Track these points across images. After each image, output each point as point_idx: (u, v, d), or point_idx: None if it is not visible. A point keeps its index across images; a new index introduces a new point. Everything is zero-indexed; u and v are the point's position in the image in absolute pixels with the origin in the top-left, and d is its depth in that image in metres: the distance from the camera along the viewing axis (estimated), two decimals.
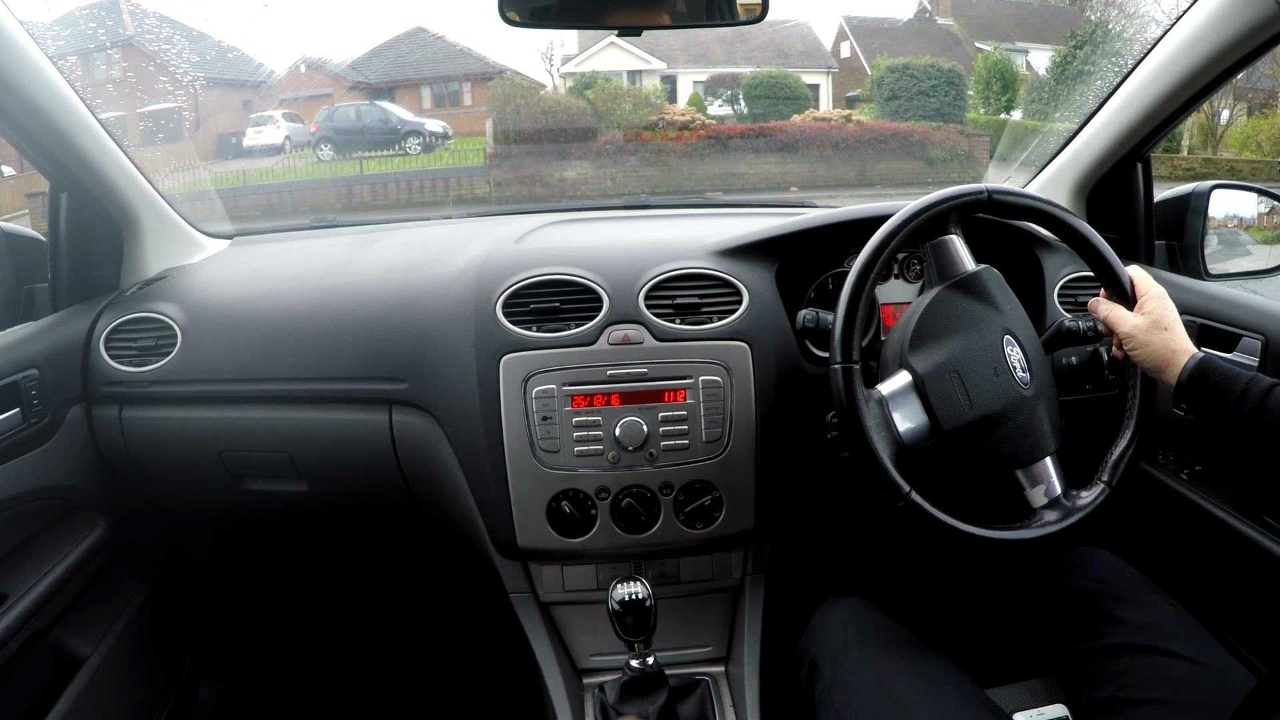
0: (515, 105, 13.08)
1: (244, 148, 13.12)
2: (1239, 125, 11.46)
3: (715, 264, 1.48)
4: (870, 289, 1.15)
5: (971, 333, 1.16)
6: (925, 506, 1.11)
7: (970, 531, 1.12)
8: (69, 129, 1.45)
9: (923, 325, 1.18)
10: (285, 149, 13.33)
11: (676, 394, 1.38)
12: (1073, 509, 1.16)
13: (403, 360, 1.45)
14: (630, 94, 14.39)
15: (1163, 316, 1.16)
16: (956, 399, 1.13)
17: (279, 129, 13.50)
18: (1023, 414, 1.15)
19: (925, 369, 1.15)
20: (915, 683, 1.10)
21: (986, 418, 1.14)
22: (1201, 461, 1.50)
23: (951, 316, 1.17)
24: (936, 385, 1.14)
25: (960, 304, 1.18)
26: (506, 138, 12.73)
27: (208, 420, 1.51)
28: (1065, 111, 1.89)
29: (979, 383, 1.14)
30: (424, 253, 1.65)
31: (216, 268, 1.76)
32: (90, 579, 1.55)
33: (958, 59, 14.93)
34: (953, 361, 1.15)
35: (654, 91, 15.22)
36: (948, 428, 1.13)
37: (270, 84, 14.96)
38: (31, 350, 1.42)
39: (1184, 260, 1.65)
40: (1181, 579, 1.41)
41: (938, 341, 1.16)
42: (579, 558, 1.44)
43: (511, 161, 12.39)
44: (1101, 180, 1.68)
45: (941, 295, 1.19)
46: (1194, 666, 1.08)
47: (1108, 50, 2.02)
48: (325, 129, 13.50)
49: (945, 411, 1.13)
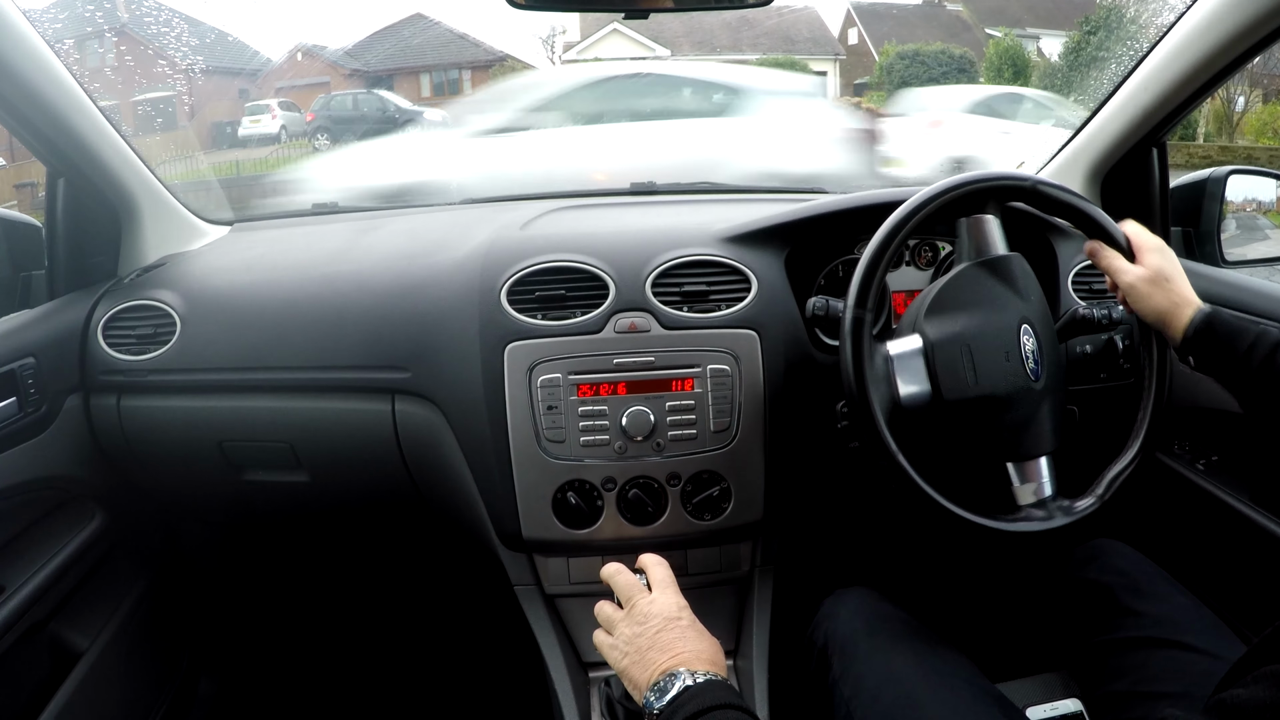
0: None
1: (239, 137, 13.07)
2: (1255, 112, 11.38)
3: (724, 251, 1.46)
4: (897, 248, 1.16)
5: (990, 313, 1.15)
6: (909, 471, 1.10)
7: (950, 509, 1.10)
8: (66, 113, 1.43)
9: (943, 295, 1.17)
10: (281, 138, 13.27)
11: (684, 383, 1.36)
12: (1057, 513, 1.14)
13: (406, 349, 1.43)
14: None
15: (1163, 268, 1.15)
16: (962, 372, 1.12)
17: (275, 118, 13.49)
18: (1027, 405, 1.14)
19: (937, 336, 1.14)
20: (926, 675, 1.08)
21: (990, 398, 1.12)
22: (1218, 451, 1.48)
23: (974, 293, 1.17)
24: (945, 354, 1.13)
25: (985, 283, 1.17)
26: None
27: (207, 410, 1.50)
28: (1080, 97, 1.87)
29: (988, 362, 1.13)
30: (427, 239, 1.63)
31: (216, 254, 1.74)
32: (88, 571, 1.53)
33: (968, 45, 14.86)
34: (965, 335, 1.14)
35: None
36: (949, 398, 1.13)
37: (267, 72, 14.89)
38: (28, 338, 1.41)
39: (1200, 247, 1.62)
40: (1198, 571, 1.39)
41: (954, 313, 1.15)
42: (585, 549, 1.42)
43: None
44: (1116, 165, 1.65)
45: (968, 271, 1.18)
46: (1212, 660, 1.06)
47: (1122, 35, 2.00)
48: (321, 118, 13.46)
49: (949, 382, 1.13)
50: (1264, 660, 0.64)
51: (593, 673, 1.46)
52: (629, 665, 0.97)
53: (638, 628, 0.99)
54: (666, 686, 0.91)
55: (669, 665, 0.93)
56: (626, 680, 0.98)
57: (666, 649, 0.96)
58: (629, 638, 0.99)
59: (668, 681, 0.91)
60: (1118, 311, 1.29)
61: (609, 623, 1.04)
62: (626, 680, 0.98)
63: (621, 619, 1.03)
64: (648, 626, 0.99)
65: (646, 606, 1.02)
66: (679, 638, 0.97)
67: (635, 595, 1.04)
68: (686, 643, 0.97)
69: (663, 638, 0.97)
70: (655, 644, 0.97)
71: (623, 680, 0.99)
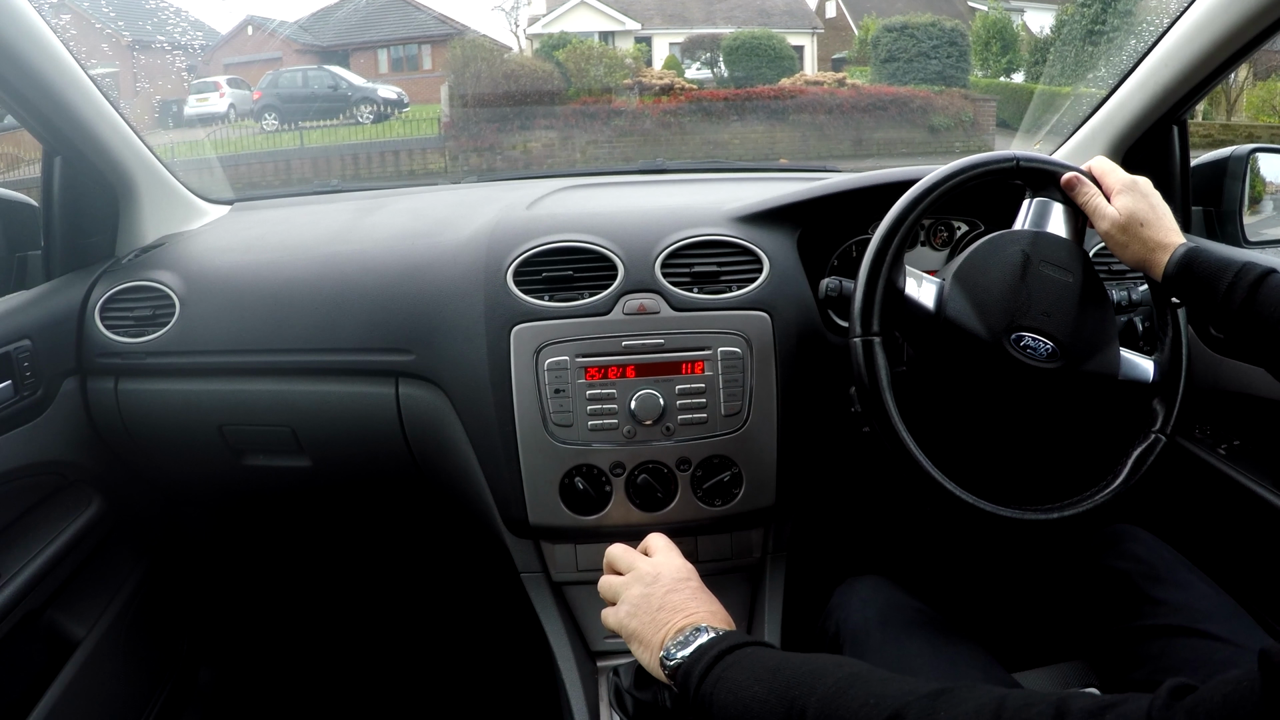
0: (476, 69, 12.56)
1: (185, 116, 12.66)
2: (1255, 89, 11.28)
3: (734, 231, 1.44)
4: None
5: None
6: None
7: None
8: (62, 89, 1.41)
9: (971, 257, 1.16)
10: (230, 118, 12.90)
11: (694, 366, 1.34)
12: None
13: (409, 331, 1.41)
14: (604, 56, 14.02)
15: (1135, 211, 1.11)
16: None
17: (223, 96, 13.08)
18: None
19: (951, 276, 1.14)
20: (940, 666, 1.06)
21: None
22: (1240, 436, 1.46)
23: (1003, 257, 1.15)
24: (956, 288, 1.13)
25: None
26: (465, 104, 12.25)
27: (207, 393, 1.48)
28: (1080, 73, 1.85)
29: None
30: (431, 219, 1.61)
31: (216, 234, 1.72)
32: (85, 558, 1.52)
33: (951, 17, 14.60)
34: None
35: (629, 53, 14.86)
36: (948, 314, 1.12)
37: (215, 46, 14.49)
38: (24, 320, 1.39)
39: (1222, 227, 1.60)
40: (1220, 558, 1.37)
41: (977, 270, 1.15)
42: (593, 536, 1.40)
43: (470, 131, 11.90)
44: (1136, 144, 1.62)
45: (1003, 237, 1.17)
46: (1233, 649, 1.04)
47: (1120, 9, 1.96)
48: (269, 96, 13.12)
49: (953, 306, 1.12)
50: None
51: (601, 662, 1.44)
52: (639, 627, 0.94)
53: (646, 588, 0.97)
54: (690, 638, 0.88)
55: (685, 623, 0.91)
56: (636, 642, 0.94)
57: (680, 609, 0.93)
58: (636, 598, 0.96)
59: (692, 634, 0.88)
60: (1137, 293, 1.27)
61: (612, 592, 1.01)
62: (636, 642, 0.94)
63: (625, 582, 1.00)
64: (657, 586, 0.96)
65: (651, 567, 0.99)
66: (690, 598, 0.95)
67: (636, 559, 1.02)
68: (700, 603, 0.94)
69: (674, 598, 0.94)
70: (666, 604, 0.94)
71: (631, 643, 0.96)
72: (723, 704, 0.79)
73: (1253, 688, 0.54)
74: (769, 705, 0.75)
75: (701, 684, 0.82)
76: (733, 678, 0.80)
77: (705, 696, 0.81)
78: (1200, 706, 0.56)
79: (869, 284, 1.11)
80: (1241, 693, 0.54)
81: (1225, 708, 0.54)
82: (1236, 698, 0.54)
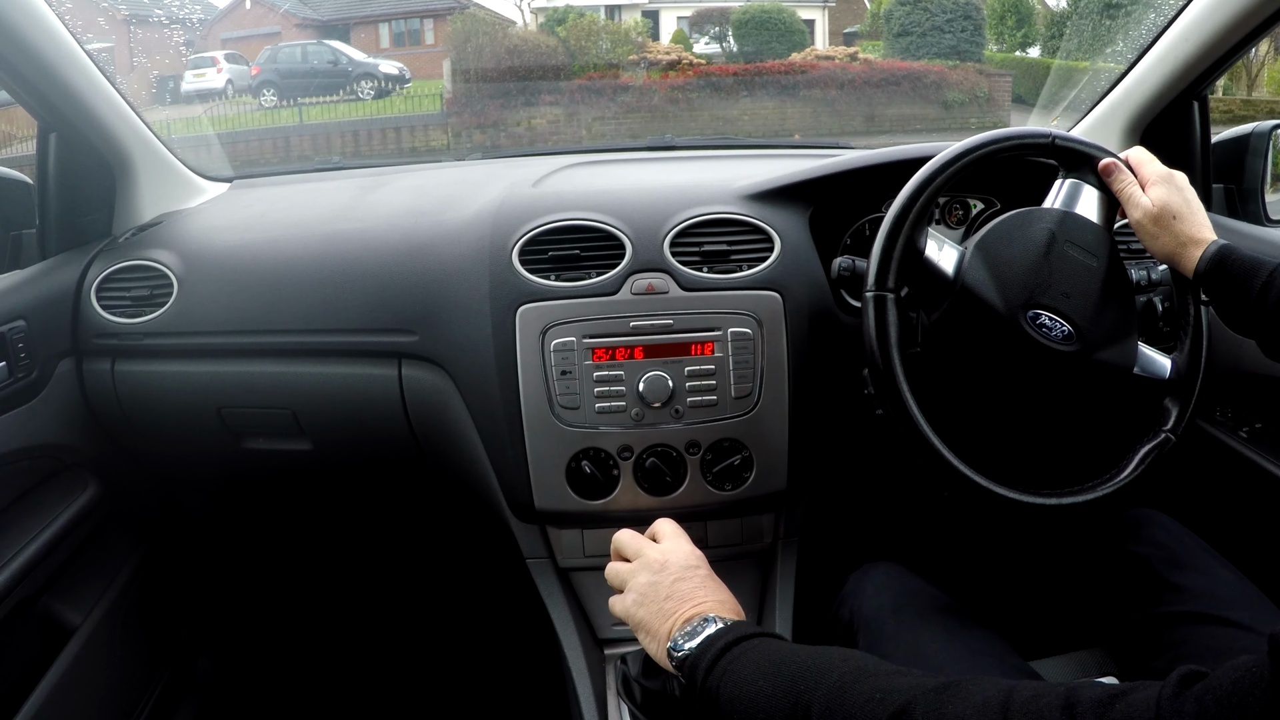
0: (479, 44, 12.49)
1: (182, 92, 12.54)
2: (1276, 64, 11.19)
3: (745, 209, 1.41)
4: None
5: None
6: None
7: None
8: (57, 65, 1.38)
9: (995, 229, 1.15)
10: (227, 94, 12.79)
11: (704, 347, 1.31)
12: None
13: (413, 311, 1.39)
14: (608, 30, 13.92)
15: (1169, 203, 1.10)
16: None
17: (220, 72, 12.96)
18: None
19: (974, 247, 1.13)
20: (955, 654, 1.05)
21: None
22: (1262, 418, 1.44)
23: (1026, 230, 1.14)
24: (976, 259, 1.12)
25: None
26: (468, 80, 12.16)
27: (205, 375, 1.46)
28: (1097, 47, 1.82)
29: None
30: (435, 197, 1.58)
31: (215, 212, 1.70)
32: (81, 543, 1.51)
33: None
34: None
35: (635, 27, 14.72)
36: (966, 281, 1.11)
37: (212, 20, 14.31)
38: (18, 300, 1.37)
39: (1243, 205, 1.57)
40: (1241, 543, 1.35)
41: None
42: (600, 521, 1.38)
43: (473, 107, 11.85)
44: (1155, 120, 1.60)
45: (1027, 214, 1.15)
46: (1255, 636, 1.02)
47: None
48: (268, 72, 13.01)
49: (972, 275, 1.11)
50: None
51: (608, 650, 1.42)
52: (646, 616, 0.93)
53: (653, 576, 0.95)
54: (698, 630, 0.86)
55: (693, 613, 0.89)
56: (643, 632, 0.93)
57: (688, 598, 0.92)
58: (644, 587, 0.95)
59: (700, 625, 0.87)
60: (1157, 272, 1.24)
61: (619, 579, 1.00)
62: (643, 632, 0.93)
63: (632, 569, 0.98)
64: (665, 574, 0.95)
65: (659, 555, 0.98)
66: (699, 587, 0.93)
67: (644, 546, 1.00)
68: (708, 592, 0.93)
69: (681, 587, 0.93)
70: (674, 593, 0.92)
71: (638, 633, 0.94)
72: (729, 697, 0.78)
73: (1262, 674, 0.52)
74: (775, 699, 0.75)
75: (708, 677, 0.81)
76: (739, 670, 0.79)
77: (712, 689, 0.80)
78: (1209, 694, 0.55)
79: (889, 239, 1.10)
80: (1251, 679, 0.53)
81: (1234, 694, 0.53)
82: (1246, 684, 0.53)
